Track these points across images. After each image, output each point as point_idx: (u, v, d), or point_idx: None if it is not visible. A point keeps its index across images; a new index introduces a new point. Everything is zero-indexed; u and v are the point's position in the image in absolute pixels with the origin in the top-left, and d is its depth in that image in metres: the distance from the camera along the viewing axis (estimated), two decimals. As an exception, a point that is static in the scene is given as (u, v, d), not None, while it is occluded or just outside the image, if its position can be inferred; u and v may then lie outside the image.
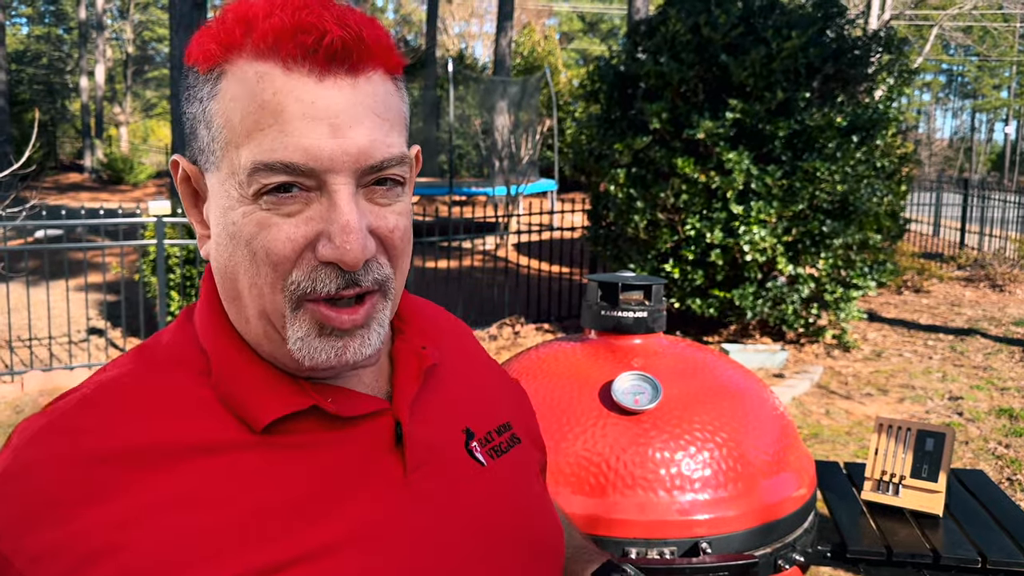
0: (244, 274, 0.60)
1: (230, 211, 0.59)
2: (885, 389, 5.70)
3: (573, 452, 1.40)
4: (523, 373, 1.60)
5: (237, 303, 0.63)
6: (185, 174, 0.64)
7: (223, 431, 0.61)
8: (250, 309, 0.62)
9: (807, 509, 1.50)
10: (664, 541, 1.35)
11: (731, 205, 5.99)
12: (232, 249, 0.60)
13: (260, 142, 0.57)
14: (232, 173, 0.59)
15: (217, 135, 0.59)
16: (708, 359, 1.63)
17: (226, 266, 0.62)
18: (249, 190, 0.58)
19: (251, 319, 0.62)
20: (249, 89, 0.57)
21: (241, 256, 0.60)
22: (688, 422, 1.42)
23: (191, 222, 0.66)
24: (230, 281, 0.62)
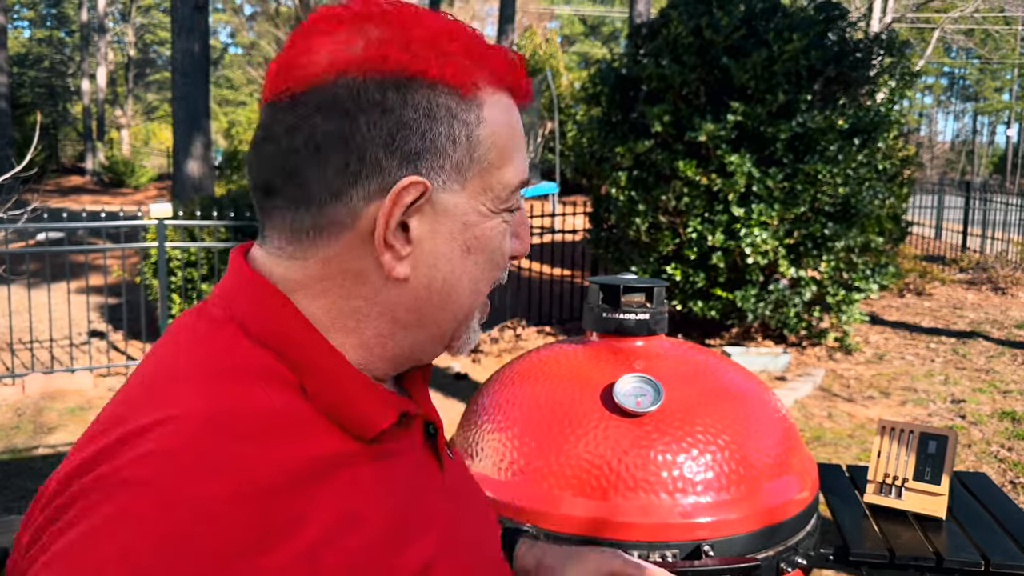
0: (471, 282, 0.65)
1: (473, 227, 0.64)
2: (887, 392, 5.69)
3: (575, 455, 1.40)
4: (525, 376, 1.59)
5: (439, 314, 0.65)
6: (419, 195, 0.61)
7: (341, 443, 0.60)
8: (457, 316, 0.67)
9: (810, 512, 1.49)
10: (666, 544, 1.34)
11: (732, 207, 5.99)
12: (463, 262, 0.64)
13: (516, 164, 0.66)
14: (485, 190, 0.64)
15: (482, 158, 0.64)
16: (710, 361, 1.62)
17: (444, 282, 0.64)
18: (506, 205, 0.66)
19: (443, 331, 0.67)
20: (507, 118, 0.66)
21: (474, 266, 0.65)
22: (690, 424, 1.42)
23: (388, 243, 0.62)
24: (443, 298, 0.65)
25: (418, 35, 0.61)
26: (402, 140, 0.60)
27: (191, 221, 6.30)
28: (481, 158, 0.64)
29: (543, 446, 1.43)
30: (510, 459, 1.45)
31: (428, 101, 0.61)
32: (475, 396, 1.67)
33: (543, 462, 1.42)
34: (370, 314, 0.64)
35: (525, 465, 1.43)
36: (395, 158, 0.60)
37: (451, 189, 0.63)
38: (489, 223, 0.65)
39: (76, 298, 7.69)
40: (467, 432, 1.59)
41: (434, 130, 0.61)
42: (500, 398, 1.57)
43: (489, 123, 0.64)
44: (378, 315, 0.64)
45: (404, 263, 0.62)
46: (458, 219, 0.63)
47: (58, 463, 0.57)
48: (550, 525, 1.38)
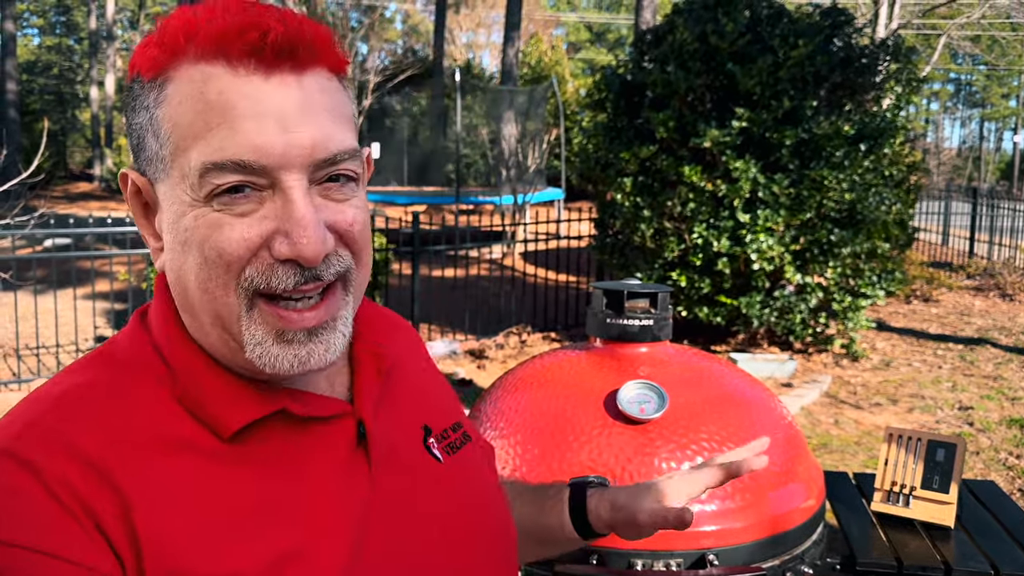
0: (195, 279, 0.60)
1: (181, 217, 0.59)
2: (894, 399, 5.66)
3: (578, 462, 1.39)
4: (527, 382, 1.58)
5: (192, 312, 0.62)
6: (135, 187, 0.64)
7: (196, 437, 0.61)
8: (205, 316, 0.61)
9: (816, 520, 1.48)
10: (671, 553, 1.33)
11: (738, 213, 5.97)
12: (184, 256, 0.60)
13: (209, 142, 0.57)
14: (183, 177, 0.58)
15: (166, 141, 0.59)
16: (715, 368, 1.61)
17: (179, 275, 0.61)
18: (201, 192, 0.58)
19: (207, 327, 0.62)
20: (196, 91, 0.58)
21: (193, 261, 0.59)
22: (694, 431, 1.40)
23: (143, 236, 0.66)
24: (183, 290, 0.62)
25: (160, 28, 0.60)
26: (131, 136, 0.63)
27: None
28: (165, 140, 0.59)
29: (546, 453, 1.42)
30: (512, 466, 1.44)
31: (133, 97, 0.61)
32: (477, 402, 1.66)
33: (546, 469, 1.40)
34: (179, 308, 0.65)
35: (528, 472, 1.42)
36: (132, 156, 0.63)
37: (159, 180, 0.61)
38: (191, 214, 0.59)
39: (83, 304, 7.71)
40: (470, 439, 1.58)
41: (135, 122, 0.61)
42: (502, 405, 1.56)
43: (168, 102, 0.59)
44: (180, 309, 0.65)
45: (159, 256, 0.64)
46: (171, 210, 0.61)
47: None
48: (553, 533, 1.37)
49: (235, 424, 0.61)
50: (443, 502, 0.71)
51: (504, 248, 11.03)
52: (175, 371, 0.62)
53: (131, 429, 0.59)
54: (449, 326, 7.37)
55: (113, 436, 0.58)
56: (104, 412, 0.60)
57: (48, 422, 0.58)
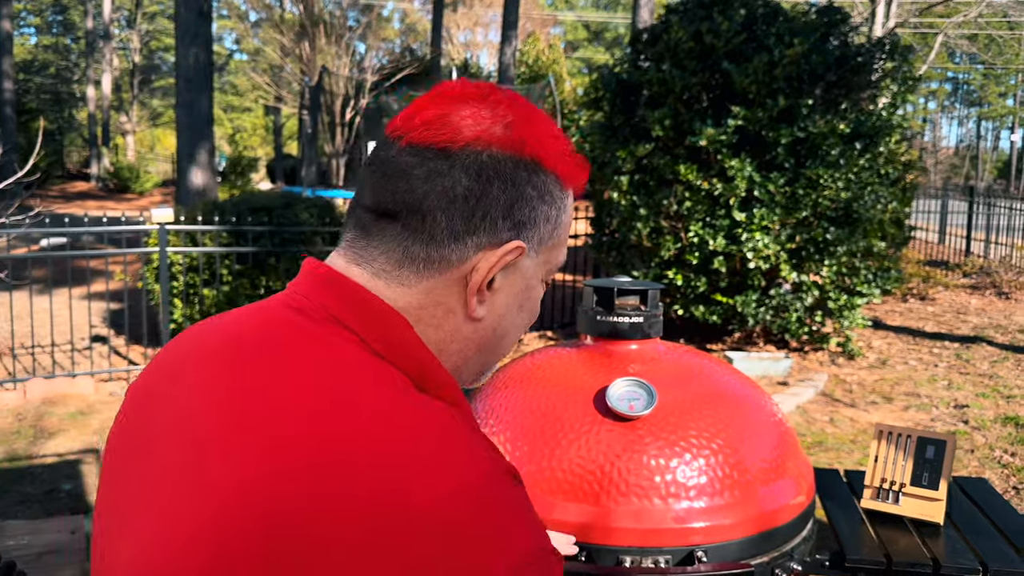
0: (515, 331, 0.78)
1: (531, 289, 0.76)
2: (890, 397, 5.66)
3: (567, 459, 1.38)
4: (517, 380, 1.58)
5: (489, 355, 0.78)
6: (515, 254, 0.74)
7: None
8: (498, 355, 0.79)
9: (806, 517, 1.48)
10: (659, 549, 1.33)
11: (734, 212, 5.97)
12: (517, 313, 0.76)
13: (565, 246, 0.79)
14: (546, 262, 0.76)
15: (554, 235, 0.75)
16: (705, 365, 1.61)
17: (505, 328, 0.76)
18: (550, 276, 0.79)
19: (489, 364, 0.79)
20: (571, 211, 0.78)
21: (520, 318, 0.77)
22: (684, 428, 1.40)
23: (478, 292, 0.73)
24: (498, 339, 0.77)
25: (542, 130, 0.74)
26: (517, 210, 0.72)
27: (192, 226, 6.30)
28: (556, 236, 0.76)
29: (535, 450, 1.42)
30: (502, 464, 1.44)
31: (544, 185, 0.74)
32: (470, 401, 1.66)
33: (535, 467, 1.40)
34: (451, 345, 0.75)
35: (524, 474, 1.42)
36: (508, 222, 0.72)
37: (531, 256, 0.75)
38: (539, 288, 0.78)
39: (78, 303, 7.70)
40: (460, 436, 1.58)
41: (540, 208, 0.74)
42: (492, 403, 1.56)
43: (567, 212, 0.78)
44: (457, 348, 0.75)
45: (483, 307, 0.74)
46: (526, 280, 0.76)
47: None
48: (542, 530, 1.37)
49: None
50: None
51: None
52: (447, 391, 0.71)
53: None
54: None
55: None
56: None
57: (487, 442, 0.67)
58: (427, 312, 0.72)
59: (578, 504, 1.36)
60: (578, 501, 1.36)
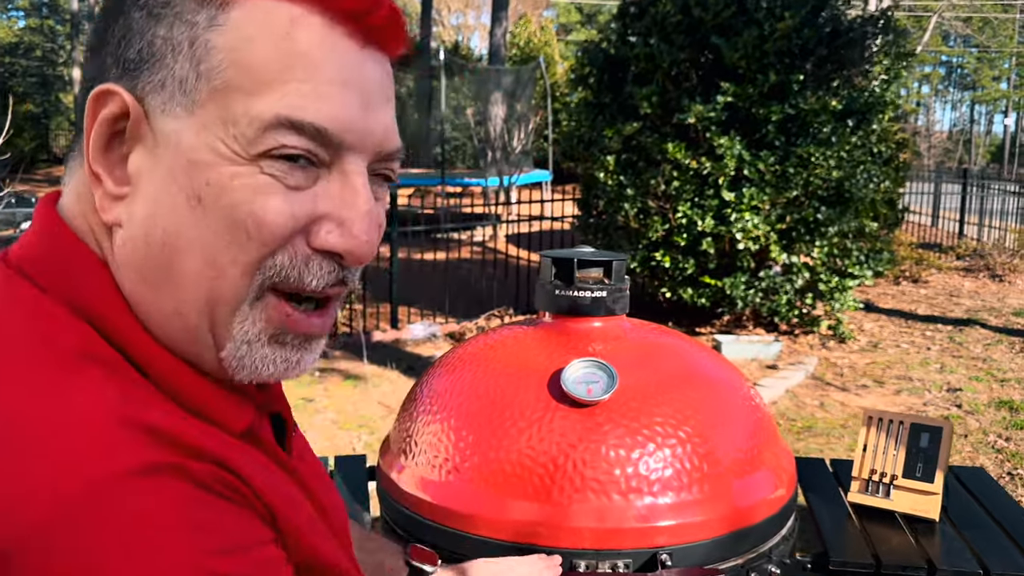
0: (202, 250, 0.49)
1: (207, 169, 0.48)
2: (881, 381, 5.53)
3: (515, 450, 1.22)
4: (466, 361, 1.42)
5: (165, 290, 0.51)
6: (118, 111, 0.50)
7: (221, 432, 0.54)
8: (188, 297, 0.50)
9: (786, 513, 1.32)
10: (618, 552, 1.17)
11: (723, 192, 5.81)
12: (192, 217, 0.49)
13: (286, 95, 0.48)
14: (226, 122, 0.48)
15: (212, 73, 0.49)
16: (675, 344, 1.44)
17: (165, 238, 0.50)
18: (254, 148, 0.49)
19: (181, 311, 0.51)
20: (279, 31, 0.49)
21: (208, 227, 0.49)
22: (648, 415, 1.24)
23: (94, 172, 0.51)
24: (165, 259, 0.50)
25: None
26: (126, 46, 0.50)
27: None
28: (212, 74, 0.49)
29: (480, 440, 1.26)
30: (444, 455, 1.28)
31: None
32: (414, 385, 1.50)
33: (479, 458, 1.24)
34: (117, 273, 0.52)
35: (460, 463, 1.26)
36: (118, 68, 0.50)
37: (173, 113, 0.49)
38: (230, 169, 0.49)
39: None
40: (403, 425, 1.41)
41: (151, 31, 0.49)
42: (437, 386, 1.39)
43: (231, 29, 0.49)
44: (123, 275, 0.52)
45: (118, 205, 0.50)
46: (182, 154, 0.49)
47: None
48: (487, 531, 1.21)
49: (243, 423, 0.55)
50: (325, 483, 0.69)
51: (489, 230, 10.85)
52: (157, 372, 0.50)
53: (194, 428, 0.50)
54: (429, 308, 7.20)
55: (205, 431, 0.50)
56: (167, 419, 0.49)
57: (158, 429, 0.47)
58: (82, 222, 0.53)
59: (527, 501, 1.20)
60: (527, 498, 1.20)
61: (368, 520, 1.46)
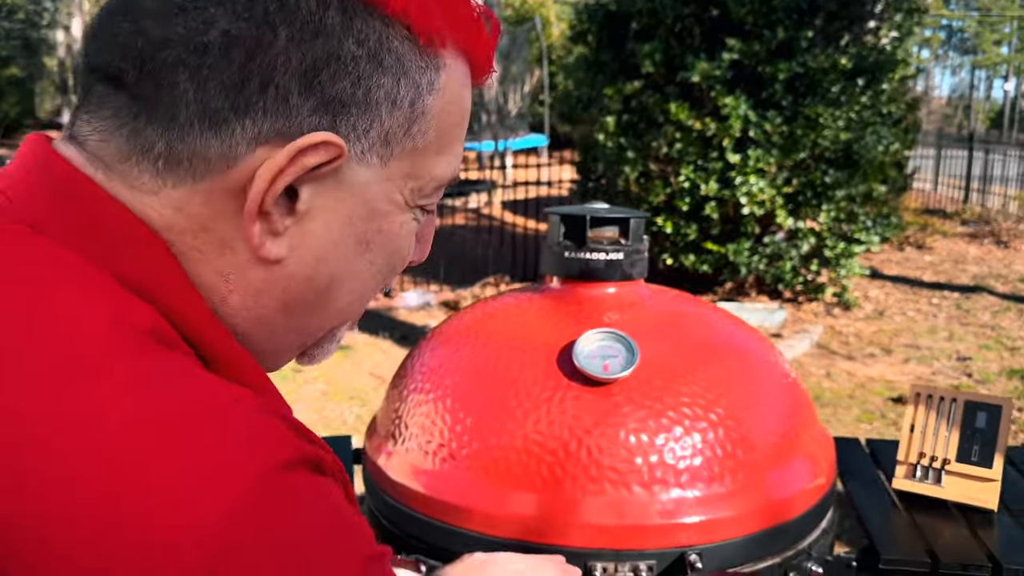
0: (360, 287, 0.52)
1: (382, 217, 0.50)
2: (888, 349, 5.39)
3: (520, 435, 1.06)
4: (464, 333, 1.25)
5: (305, 318, 0.52)
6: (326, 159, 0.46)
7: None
8: (323, 323, 0.53)
9: (825, 504, 1.17)
10: (640, 553, 1.02)
11: (727, 154, 5.61)
12: (356, 258, 0.50)
13: (456, 155, 0.53)
14: (411, 177, 0.50)
15: (419, 135, 0.49)
16: (701, 314, 1.28)
17: (332, 279, 0.50)
18: (425, 200, 0.52)
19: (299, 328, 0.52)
20: (461, 96, 0.51)
21: (370, 267, 0.51)
22: (673, 394, 1.08)
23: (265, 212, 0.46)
24: (322, 296, 0.51)
25: None
26: (328, 78, 0.45)
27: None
28: (418, 134, 0.49)
29: (480, 424, 1.09)
30: (439, 441, 1.12)
31: (380, 38, 0.46)
32: (405, 360, 1.33)
33: (479, 444, 1.08)
34: (230, 298, 0.48)
35: (457, 449, 1.09)
36: (311, 99, 0.45)
37: (368, 163, 0.48)
38: (400, 217, 0.51)
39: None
40: (391, 405, 1.25)
41: (374, 79, 0.46)
42: (431, 361, 1.23)
43: (444, 93, 0.50)
44: (241, 304, 0.49)
45: (279, 241, 0.47)
46: (366, 203, 0.49)
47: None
48: (485, 527, 1.05)
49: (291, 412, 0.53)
50: None
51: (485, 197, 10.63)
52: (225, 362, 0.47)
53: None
54: (423, 276, 7.03)
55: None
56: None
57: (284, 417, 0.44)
58: (181, 240, 0.46)
59: (533, 494, 1.04)
60: (533, 490, 1.04)
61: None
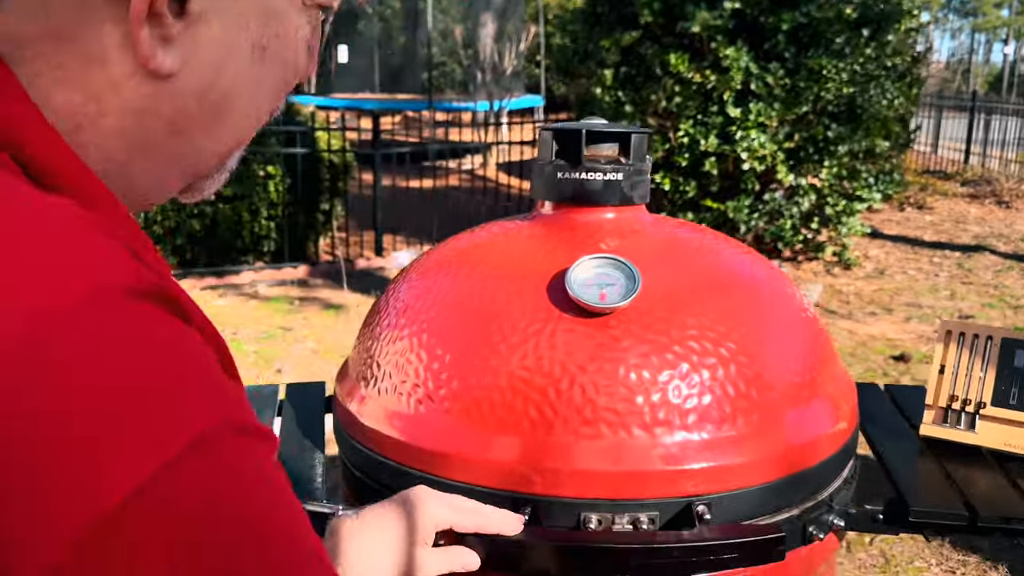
0: (251, 100, 0.46)
1: (277, 19, 0.45)
2: (889, 308, 5.28)
3: (505, 372, 0.93)
4: (442, 264, 1.12)
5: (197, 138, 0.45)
6: None
7: None
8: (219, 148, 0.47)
9: (847, 451, 1.05)
10: (640, 503, 0.89)
11: (728, 108, 5.45)
12: (251, 68, 0.45)
13: None
14: None
15: None
16: (708, 241, 1.15)
17: (230, 89, 0.44)
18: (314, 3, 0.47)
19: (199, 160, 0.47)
20: None
21: (264, 77, 0.46)
22: (680, 326, 0.95)
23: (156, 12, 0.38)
24: (218, 110, 0.45)
25: None
26: None
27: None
28: None
29: (460, 361, 0.97)
30: (414, 380, 0.99)
31: None
32: (380, 296, 1.20)
33: (460, 384, 0.95)
34: (101, 122, 0.40)
35: (434, 389, 0.97)
36: None
37: None
38: (296, 20, 0.46)
39: None
40: (363, 344, 1.12)
41: None
42: (407, 296, 1.09)
43: None
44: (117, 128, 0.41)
45: (171, 50, 0.40)
46: (261, 2, 0.44)
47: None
48: (467, 476, 0.93)
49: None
50: None
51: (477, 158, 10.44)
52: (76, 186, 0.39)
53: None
54: (416, 237, 6.88)
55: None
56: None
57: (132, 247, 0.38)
58: (34, 54, 0.38)
59: (520, 438, 0.92)
60: (520, 434, 0.92)
61: (322, 462, 1.18)
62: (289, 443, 1.21)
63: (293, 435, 1.25)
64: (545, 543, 0.85)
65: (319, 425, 1.27)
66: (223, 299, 5.74)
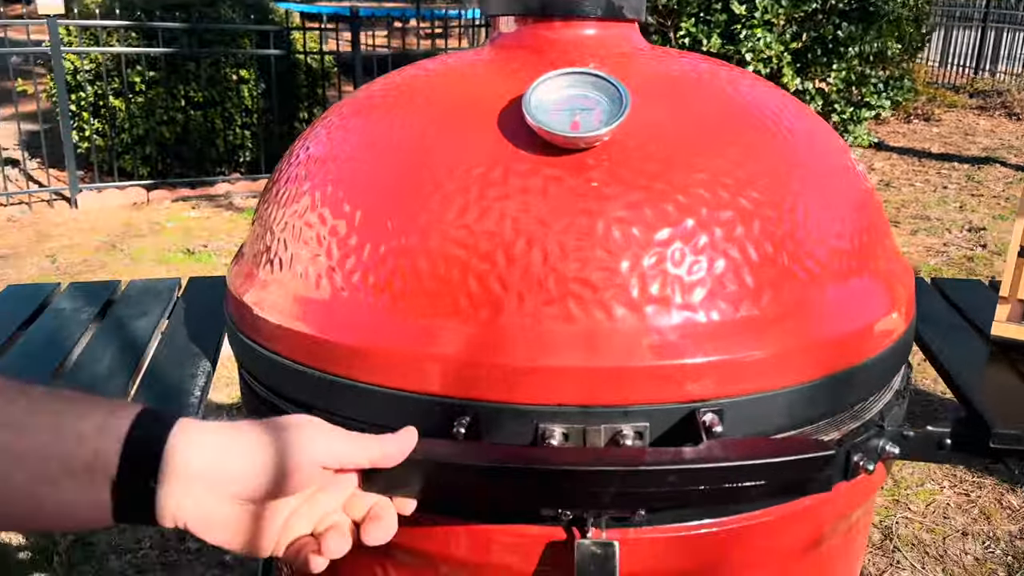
0: None
1: None
2: (896, 221, 5.01)
3: (440, 234, 0.66)
4: (367, 108, 0.83)
5: None
6: None
7: None
8: None
9: (901, 353, 0.79)
10: (623, 410, 0.64)
11: (732, 4, 5.05)
12: None
13: None
14: None
15: None
16: (720, 69, 0.86)
17: None
18: None
19: None
20: None
21: None
22: (683, 169, 0.68)
23: None
24: None
25: None
26: None
27: (91, 21, 5.30)
28: None
29: (381, 222, 0.69)
30: (329, 256, 0.72)
31: None
32: (284, 154, 0.91)
33: (375, 251, 0.68)
34: None
35: (355, 264, 0.70)
36: None
37: None
38: None
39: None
40: (262, 216, 0.84)
41: None
42: (316, 147, 0.81)
43: None
44: None
45: None
46: None
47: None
48: (389, 378, 0.67)
49: None
50: None
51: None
52: None
53: None
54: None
55: None
56: None
57: None
58: None
59: (459, 323, 0.65)
60: (459, 317, 0.65)
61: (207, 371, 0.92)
62: (172, 348, 0.95)
63: (178, 338, 0.99)
64: (487, 464, 0.59)
65: (217, 328, 1.01)
66: (196, 211, 5.45)
